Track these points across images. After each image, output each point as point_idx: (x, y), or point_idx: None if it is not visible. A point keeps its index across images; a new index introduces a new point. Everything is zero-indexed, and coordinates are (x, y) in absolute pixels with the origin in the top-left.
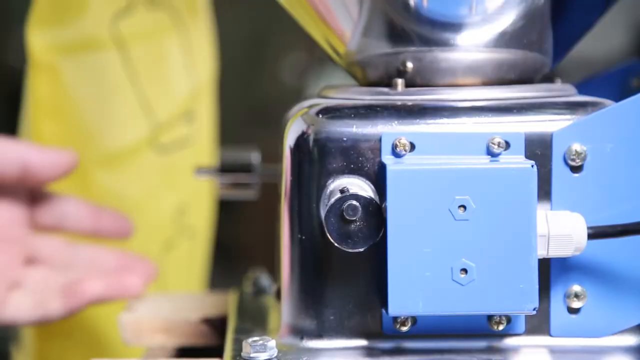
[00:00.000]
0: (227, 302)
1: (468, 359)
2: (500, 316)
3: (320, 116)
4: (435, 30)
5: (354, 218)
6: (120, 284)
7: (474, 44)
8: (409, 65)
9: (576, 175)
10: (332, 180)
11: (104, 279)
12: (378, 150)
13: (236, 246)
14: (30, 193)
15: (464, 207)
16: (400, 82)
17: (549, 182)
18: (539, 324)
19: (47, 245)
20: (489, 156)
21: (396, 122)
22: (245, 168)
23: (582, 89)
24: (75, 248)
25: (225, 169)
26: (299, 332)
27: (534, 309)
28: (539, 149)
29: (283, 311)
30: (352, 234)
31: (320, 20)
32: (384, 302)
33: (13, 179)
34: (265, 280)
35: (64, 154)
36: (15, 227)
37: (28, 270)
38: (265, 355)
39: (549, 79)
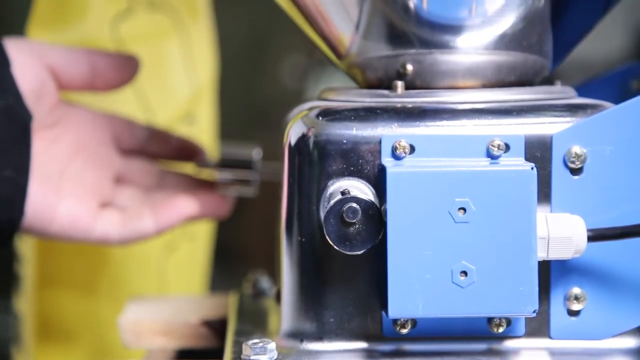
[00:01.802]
0: (227, 305)
1: None
2: (500, 318)
3: (321, 118)
4: (435, 32)
5: (354, 220)
6: (211, 203)
7: (473, 46)
8: (409, 67)
9: (576, 177)
10: (332, 182)
11: (195, 198)
12: (378, 153)
13: (236, 248)
14: (113, 119)
15: (464, 209)
16: (400, 84)
17: (548, 184)
18: (539, 326)
19: (135, 166)
20: (489, 159)
21: (396, 124)
22: (246, 164)
23: (582, 91)
24: (163, 171)
25: (225, 164)
26: (299, 335)
27: (534, 312)
28: (538, 152)
29: (283, 313)
30: (351, 236)
31: (320, 22)
32: (384, 305)
33: (84, 81)
34: (265, 282)
35: (128, 57)
36: (103, 146)
37: (118, 189)
38: (265, 358)
39: (548, 81)
